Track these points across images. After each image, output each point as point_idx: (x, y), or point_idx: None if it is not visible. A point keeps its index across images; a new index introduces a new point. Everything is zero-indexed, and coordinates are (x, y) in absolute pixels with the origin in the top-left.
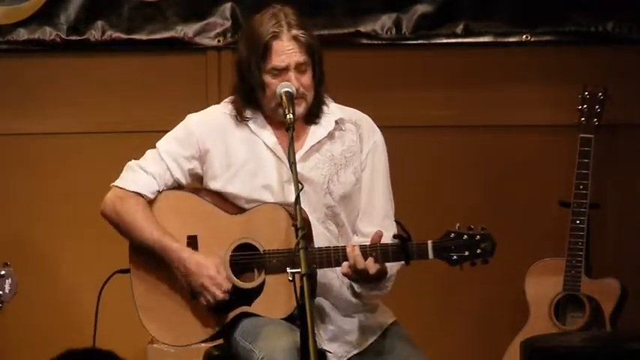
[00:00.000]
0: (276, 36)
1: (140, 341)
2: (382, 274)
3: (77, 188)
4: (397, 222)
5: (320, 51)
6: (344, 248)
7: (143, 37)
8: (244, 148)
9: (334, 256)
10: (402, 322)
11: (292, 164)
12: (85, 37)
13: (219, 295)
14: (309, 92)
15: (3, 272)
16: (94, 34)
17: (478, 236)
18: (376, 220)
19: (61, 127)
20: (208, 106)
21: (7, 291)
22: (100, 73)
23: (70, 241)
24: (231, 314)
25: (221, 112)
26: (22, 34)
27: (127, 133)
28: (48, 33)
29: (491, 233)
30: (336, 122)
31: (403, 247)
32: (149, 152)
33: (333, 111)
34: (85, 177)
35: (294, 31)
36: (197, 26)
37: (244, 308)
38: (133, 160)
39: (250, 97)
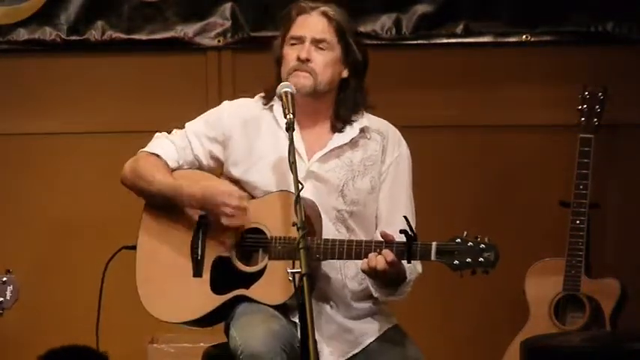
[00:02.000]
0: (303, 10)
1: (140, 341)
2: (401, 277)
3: (77, 188)
4: (405, 217)
5: (354, 44)
6: (350, 242)
7: (143, 37)
8: (268, 140)
9: (339, 249)
10: (402, 321)
11: (292, 164)
12: (85, 37)
13: (235, 201)
14: (320, 73)
15: (4, 279)
16: (94, 34)
17: (483, 245)
18: (395, 232)
19: (61, 127)
20: (208, 106)
21: (8, 298)
22: (100, 73)
23: (70, 241)
24: (229, 295)
25: (253, 103)
26: (22, 34)
27: (127, 133)
28: (48, 33)
29: (496, 245)
30: (361, 130)
31: (408, 247)
32: (176, 130)
33: (360, 119)
34: (85, 177)
35: (325, 8)
36: (197, 26)
37: (242, 291)
38: (161, 132)
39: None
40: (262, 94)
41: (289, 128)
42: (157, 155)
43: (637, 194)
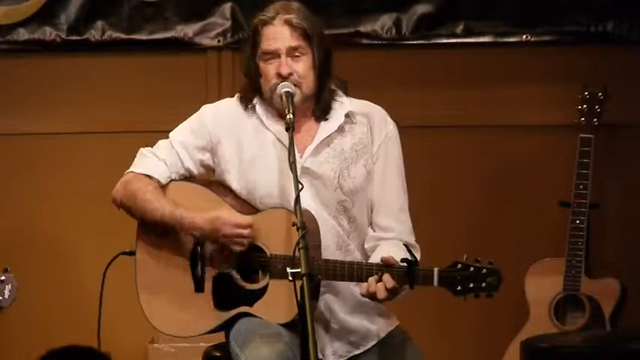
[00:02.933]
0: (267, 22)
1: (140, 341)
2: (389, 295)
3: (77, 188)
4: (405, 245)
5: (324, 43)
6: (351, 264)
7: (143, 37)
8: (256, 142)
9: (340, 271)
10: (402, 321)
11: (292, 164)
12: (85, 37)
13: (244, 232)
14: (304, 80)
15: (3, 278)
16: (94, 34)
17: (485, 270)
18: (392, 212)
19: (61, 127)
20: None
21: (6, 296)
22: (100, 73)
23: (70, 241)
24: (232, 312)
25: (235, 104)
26: (22, 34)
27: (127, 133)
28: (48, 33)
29: (499, 269)
30: (347, 115)
31: (409, 272)
32: (161, 141)
33: (344, 104)
34: (85, 176)
35: (288, 16)
36: (197, 26)
37: (246, 308)
38: (146, 147)
39: (256, 88)
40: (239, 96)
41: (289, 128)
42: (148, 176)
43: (637, 194)
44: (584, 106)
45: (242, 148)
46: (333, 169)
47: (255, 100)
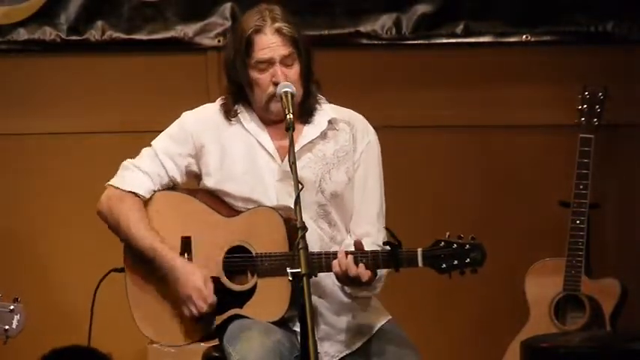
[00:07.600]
0: (258, 30)
1: (140, 341)
2: (372, 277)
3: (77, 188)
4: (387, 229)
5: (307, 46)
6: (335, 254)
7: (143, 37)
8: (238, 145)
9: (325, 261)
10: (400, 321)
11: (292, 164)
12: (85, 37)
13: (204, 307)
14: (296, 84)
15: (12, 307)
16: (94, 34)
17: (467, 245)
18: (370, 219)
19: (61, 127)
20: None
21: (14, 327)
22: (100, 73)
23: (68, 241)
24: (223, 316)
25: (215, 109)
26: (22, 34)
27: (127, 133)
28: (48, 33)
29: (481, 243)
30: (329, 122)
31: (393, 255)
32: (145, 151)
33: (326, 111)
34: (85, 177)
35: (278, 24)
36: (197, 26)
37: (236, 310)
38: (128, 160)
39: (239, 96)
40: (222, 102)
41: (289, 128)
42: (133, 193)
43: (637, 194)
44: (584, 106)
45: (225, 152)
46: (314, 172)
47: (238, 107)
